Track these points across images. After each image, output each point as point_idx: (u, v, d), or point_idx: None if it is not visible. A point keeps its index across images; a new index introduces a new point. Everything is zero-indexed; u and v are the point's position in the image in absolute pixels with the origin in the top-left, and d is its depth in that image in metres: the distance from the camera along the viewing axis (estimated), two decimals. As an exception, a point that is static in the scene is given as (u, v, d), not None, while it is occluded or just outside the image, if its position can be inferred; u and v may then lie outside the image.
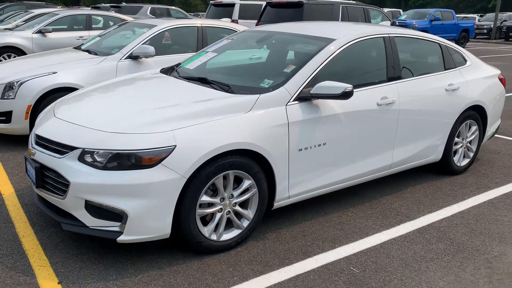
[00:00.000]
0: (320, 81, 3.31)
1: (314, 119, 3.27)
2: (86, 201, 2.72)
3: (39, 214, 3.51)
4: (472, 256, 3.15)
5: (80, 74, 5.11)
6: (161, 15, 19.83)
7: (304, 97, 3.25)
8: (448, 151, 4.48)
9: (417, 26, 19.43)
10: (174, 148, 2.70)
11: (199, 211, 2.88)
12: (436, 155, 4.39)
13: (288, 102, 3.20)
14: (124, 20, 10.43)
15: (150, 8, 19.42)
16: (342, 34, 3.68)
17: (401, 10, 27.52)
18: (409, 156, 4.09)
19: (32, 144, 3.09)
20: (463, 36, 21.87)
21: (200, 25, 6.12)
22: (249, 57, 3.98)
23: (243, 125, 2.96)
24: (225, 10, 13.00)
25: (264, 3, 11.83)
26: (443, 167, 4.59)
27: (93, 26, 10.53)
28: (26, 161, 3.18)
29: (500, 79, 4.96)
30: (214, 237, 2.99)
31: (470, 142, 4.76)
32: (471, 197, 4.17)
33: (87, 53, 5.70)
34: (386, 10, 25.71)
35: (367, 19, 11.41)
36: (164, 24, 5.83)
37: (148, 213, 2.69)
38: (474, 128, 4.72)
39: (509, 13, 31.14)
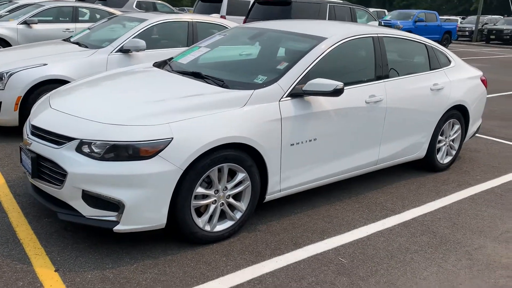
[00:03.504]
0: (311, 78, 3.41)
1: (305, 115, 3.37)
2: (83, 191, 2.77)
3: (32, 204, 3.53)
4: (454, 248, 3.30)
5: (71, 67, 5.11)
6: (147, 9, 19.70)
7: (296, 94, 3.35)
8: (432, 149, 4.64)
9: (401, 26, 19.73)
10: (171, 140, 2.77)
11: (194, 203, 2.96)
12: (420, 152, 4.54)
13: (281, 98, 3.29)
14: (112, 13, 10.38)
15: (136, 1, 19.27)
16: (333, 33, 3.79)
17: (386, 11, 27.87)
18: (394, 152, 4.23)
19: (28, 135, 3.11)
20: (445, 37, 22.29)
21: (191, 20, 6.16)
22: (242, 53, 4.06)
23: (238, 119, 3.04)
24: (213, 6, 13.03)
25: (252, 0, 11.90)
26: (427, 164, 4.75)
27: (80, 18, 10.45)
28: (21, 151, 3.20)
29: (482, 80, 5.14)
30: (208, 228, 3.07)
31: (452, 140, 4.93)
32: (453, 193, 4.33)
33: (77, 45, 5.70)
34: (371, 10, 25.98)
35: (353, 19, 11.57)
36: (154, 19, 5.86)
37: (145, 203, 2.76)
38: (457, 127, 4.89)
39: (490, 16, 31.84)
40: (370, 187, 4.34)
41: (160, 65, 4.20)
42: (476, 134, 6.21)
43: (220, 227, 3.14)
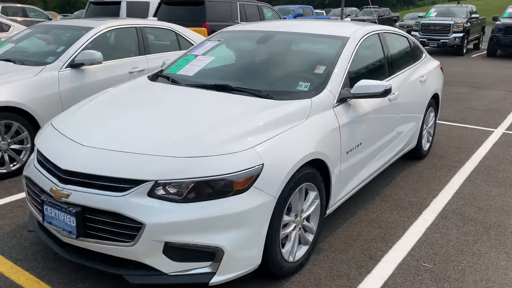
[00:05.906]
0: (351, 81, 3.25)
1: (354, 119, 3.19)
2: (166, 243, 2.23)
3: (48, 269, 2.78)
4: (501, 233, 3.43)
5: (18, 89, 4.17)
6: (15, 14, 17.50)
7: (344, 98, 3.15)
8: (420, 138, 4.81)
9: (286, 21, 20.43)
10: (262, 166, 2.37)
11: (282, 233, 2.59)
12: (414, 142, 4.67)
13: (334, 104, 3.06)
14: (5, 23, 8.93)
15: (1, 6, 16.97)
16: (352, 32, 3.65)
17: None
18: (403, 145, 4.28)
19: (57, 184, 2.41)
20: (322, 30, 23.65)
21: (139, 25, 5.50)
22: (255, 59, 3.69)
23: (309, 133, 2.74)
24: (108, 9, 11.91)
25: (158, 0, 11.19)
26: (416, 153, 4.90)
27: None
28: (45, 205, 2.48)
29: (441, 68, 5.48)
30: (291, 258, 2.72)
31: (429, 127, 5.18)
32: (451, 177, 4.53)
33: (11, 63, 4.68)
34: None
35: (261, 17, 11.59)
36: (102, 25, 5.09)
37: (244, 244, 2.32)
38: (432, 114, 5.15)
39: (351, 8, 34.79)
40: (379, 183, 4.33)
41: (153, 79, 3.63)
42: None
43: (298, 254, 2.82)
